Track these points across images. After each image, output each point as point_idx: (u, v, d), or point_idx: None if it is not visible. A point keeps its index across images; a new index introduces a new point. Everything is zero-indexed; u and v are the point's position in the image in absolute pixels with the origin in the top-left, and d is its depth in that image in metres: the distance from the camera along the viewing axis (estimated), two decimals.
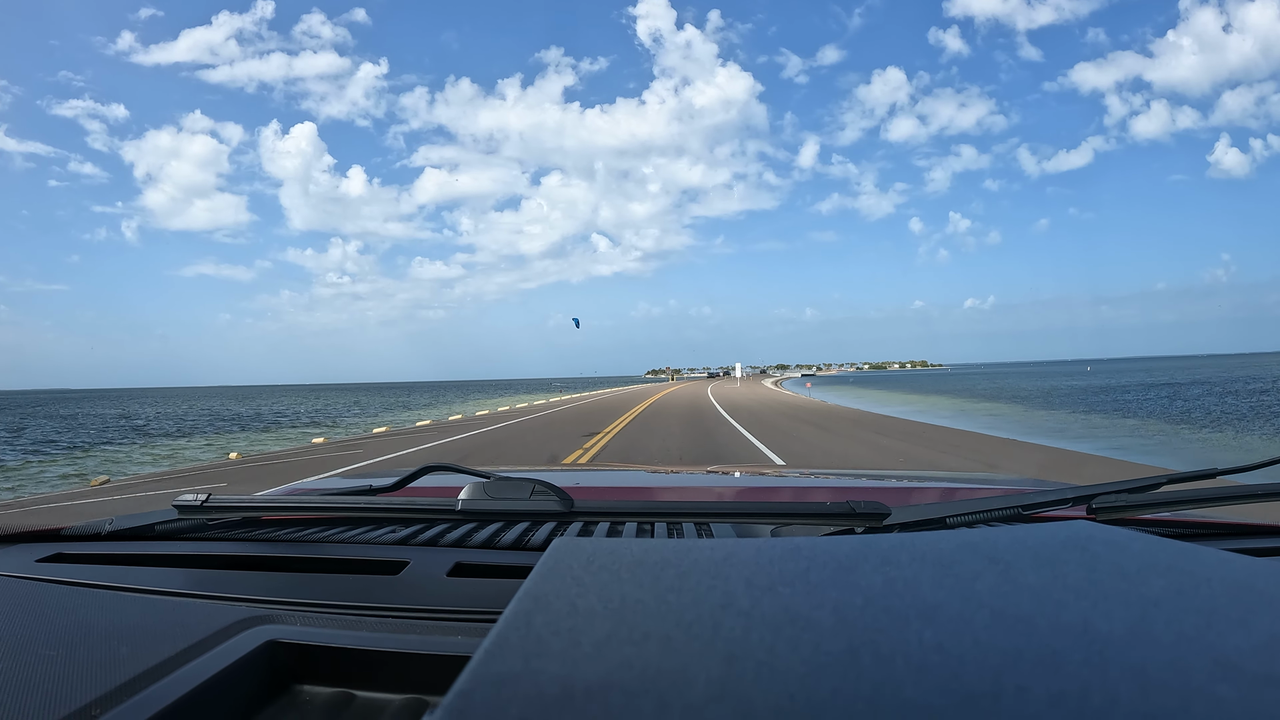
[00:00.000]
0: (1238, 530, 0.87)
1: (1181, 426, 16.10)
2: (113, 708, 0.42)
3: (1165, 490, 0.81)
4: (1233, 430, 14.87)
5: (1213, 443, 12.87)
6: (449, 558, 0.74)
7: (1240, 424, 16.07)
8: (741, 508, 0.85)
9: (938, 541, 0.48)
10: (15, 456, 16.59)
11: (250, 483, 7.67)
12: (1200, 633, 0.32)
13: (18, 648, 0.49)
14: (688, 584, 0.39)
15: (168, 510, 0.82)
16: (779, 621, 0.34)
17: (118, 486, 8.46)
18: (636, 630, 0.33)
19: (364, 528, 0.87)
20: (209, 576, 0.71)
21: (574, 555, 0.45)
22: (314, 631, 0.54)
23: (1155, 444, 12.59)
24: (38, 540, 0.85)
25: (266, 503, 0.82)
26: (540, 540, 0.80)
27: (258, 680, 0.49)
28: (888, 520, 0.72)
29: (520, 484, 0.76)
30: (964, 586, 0.38)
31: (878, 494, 1.18)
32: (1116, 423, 17.62)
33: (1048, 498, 0.80)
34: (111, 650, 0.49)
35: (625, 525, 0.86)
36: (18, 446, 19.32)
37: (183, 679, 0.45)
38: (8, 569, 0.72)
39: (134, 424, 29.07)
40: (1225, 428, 15.43)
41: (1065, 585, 0.38)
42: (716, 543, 0.49)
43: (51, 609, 0.58)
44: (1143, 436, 14.04)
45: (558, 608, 0.36)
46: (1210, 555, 0.45)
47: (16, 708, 0.41)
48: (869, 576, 0.40)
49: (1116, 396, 28.39)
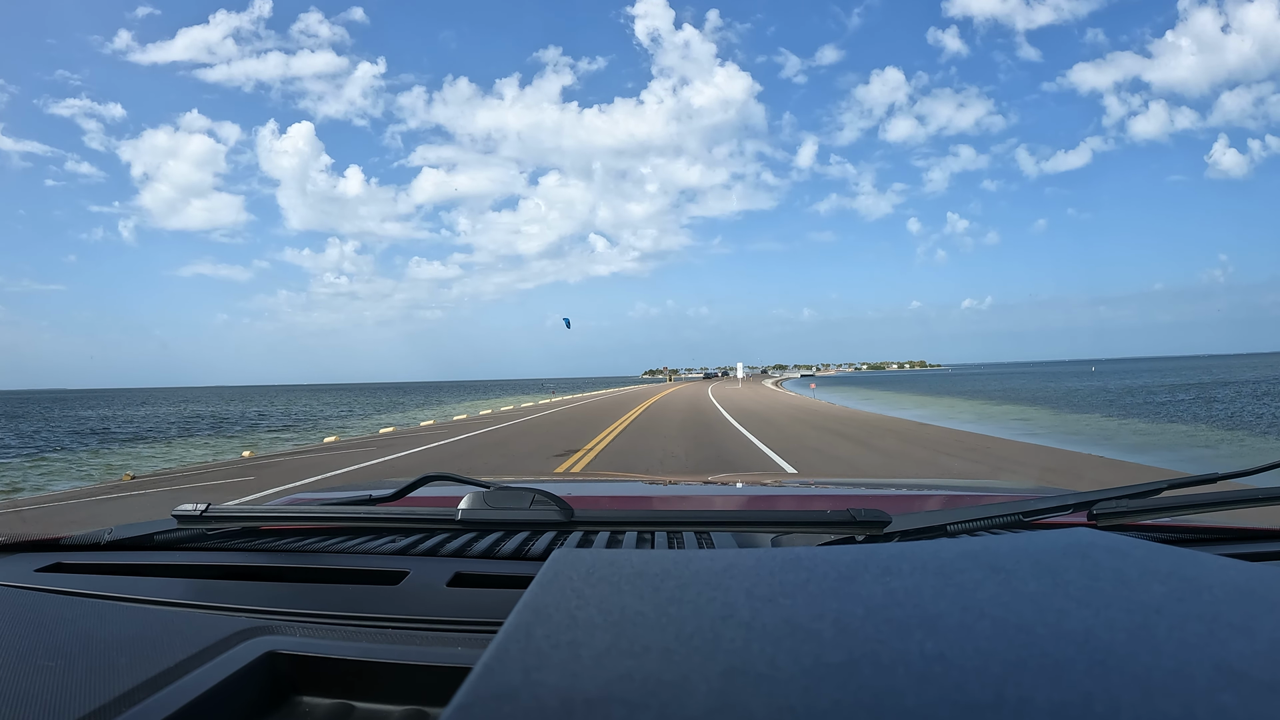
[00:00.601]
0: (1240, 535, 0.86)
1: (1239, 431, 14.86)
2: (111, 719, 0.41)
3: (1166, 495, 0.81)
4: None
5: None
6: (449, 568, 0.74)
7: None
8: (741, 517, 0.82)
9: (939, 550, 0.48)
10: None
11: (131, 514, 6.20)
12: (1203, 639, 0.32)
13: (16, 658, 0.49)
14: (688, 595, 0.39)
15: (167, 520, 0.82)
16: (779, 633, 0.34)
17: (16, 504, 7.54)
18: (637, 642, 0.33)
19: (363, 537, 0.87)
20: (208, 587, 0.70)
21: (574, 566, 0.45)
22: (314, 642, 0.54)
23: (1229, 454, 11.22)
24: (37, 550, 0.85)
25: (266, 512, 0.81)
26: (540, 550, 0.80)
27: (257, 691, 0.49)
28: (888, 528, 0.71)
29: (520, 493, 0.76)
30: (965, 595, 0.38)
31: (878, 502, 1.19)
32: (1164, 428, 16.17)
33: (1048, 504, 0.80)
34: (110, 661, 0.48)
35: (625, 535, 0.86)
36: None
37: (182, 690, 0.45)
38: (6, 578, 0.72)
39: (104, 428, 27.80)
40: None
41: (1067, 593, 0.38)
42: (717, 553, 0.49)
43: (50, 619, 0.58)
44: (1209, 446, 12.55)
45: (557, 619, 0.36)
46: (1212, 561, 0.45)
47: (15, 719, 0.41)
48: (870, 586, 0.40)
49: (1147, 398, 26.94)
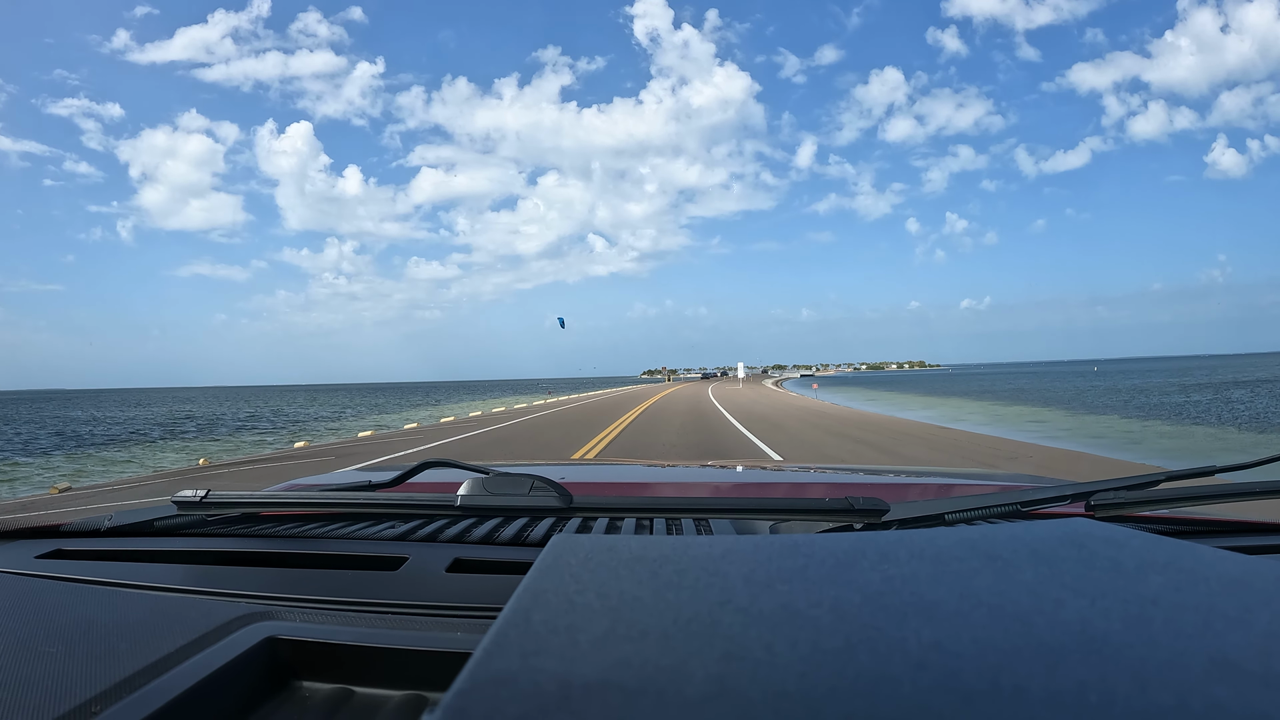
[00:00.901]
0: (1236, 528, 0.87)
1: (1271, 434, 14.15)
2: (112, 704, 0.42)
3: (1163, 488, 0.81)
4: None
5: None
6: (448, 553, 0.74)
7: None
8: (740, 503, 0.82)
9: (936, 538, 0.48)
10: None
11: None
12: (1198, 630, 0.32)
13: (17, 644, 0.49)
14: (686, 580, 0.39)
15: (167, 506, 0.82)
16: (777, 618, 0.34)
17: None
18: (635, 627, 0.33)
19: (363, 523, 0.87)
20: (208, 572, 0.70)
21: (572, 551, 0.45)
22: (313, 627, 0.54)
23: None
24: (37, 536, 0.85)
25: (266, 498, 0.81)
26: (539, 536, 0.80)
27: (257, 676, 0.49)
28: (886, 516, 0.72)
29: (519, 479, 0.76)
30: (962, 584, 0.38)
31: (876, 490, 1.19)
32: (1188, 430, 15.53)
33: (1046, 494, 0.81)
34: (111, 646, 0.48)
35: (624, 521, 0.86)
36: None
37: (182, 675, 0.45)
38: (7, 565, 0.72)
39: (78, 431, 26.52)
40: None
41: (1063, 583, 0.38)
42: (715, 539, 0.49)
43: (51, 605, 0.58)
44: (1243, 450, 11.76)
45: (556, 604, 0.36)
46: (1208, 553, 0.45)
47: (16, 704, 0.41)
48: (867, 573, 0.40)
49: (1161, 398, 26.23)
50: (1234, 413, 19.19)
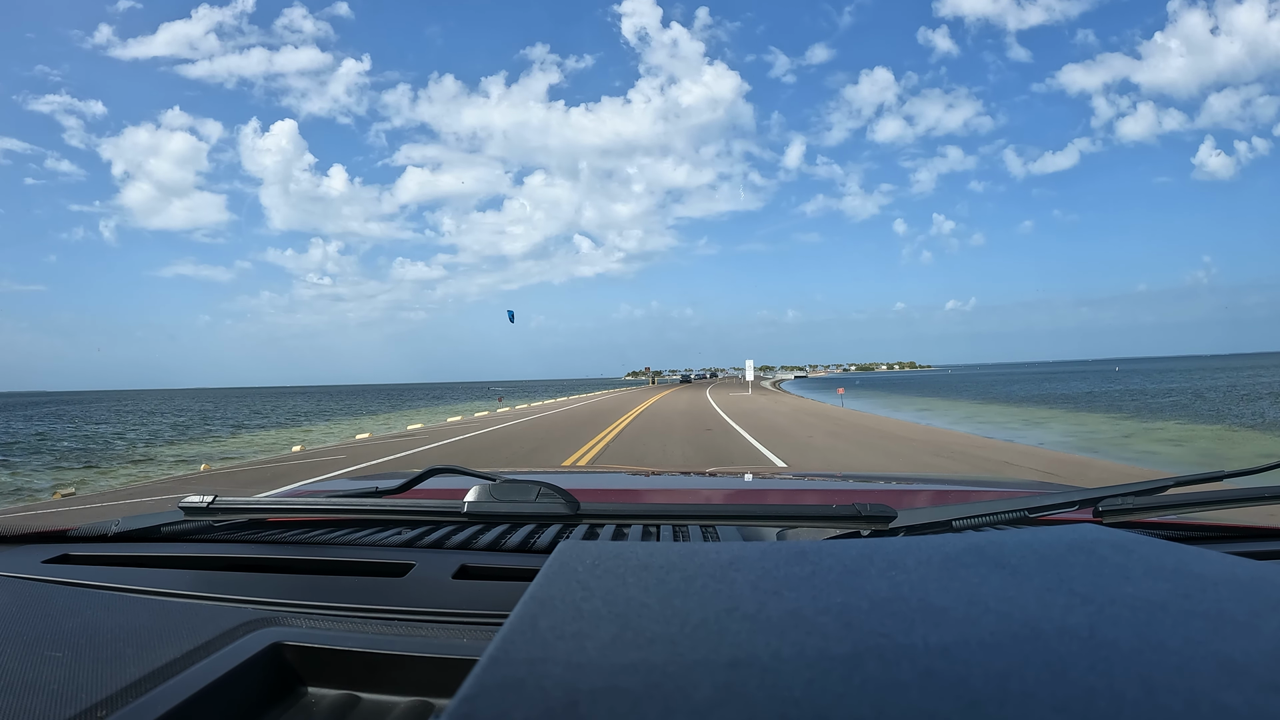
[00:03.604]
0: (1245, 533, 0.86)
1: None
2: (119, 709, 0.42)
3: (1171, 493, 0.81)
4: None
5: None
6: (454, 560, 0.74)
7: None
8: (747, 510, 0.82)
9: (943, 545, 0.48)
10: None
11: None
12: (1207, 637, 0.32)
13: (24, 649, 0.49)
14: (693, 587, 0.39)
15: (174, 512, 0.81)
16: (784, 625, 0.34)
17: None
18: (642, 634, 0.33)
19: (369, 530, 0.86)
20: (215, 578, 0.71)
21: (579, 558, 0.45)
22: (320, 634, 0.54)
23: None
24: (44, 541, 0.85)
25: (272, 504, 0.81)
26: (546, 543, 0.80)
27: (263, 682, 0.50)
28: (894, 523, 0.72)
29: (526, 486, 0.76)
30: (970, 590, 0.39)
31: (883, 496, 1.19)
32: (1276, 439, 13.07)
33: (1054, 500, 0.80)
34: (117, 651, 0.49)
35: (631, 528, 0.86)
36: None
37: (189, 681, 0.45)
38: (14, 570, 0.72)
39: (27, 440, 23.60)
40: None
41: (1071, 588, 0.38)
42: (722, 546, 0.49)
43: (57, 610, 0.58)
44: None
45: (563, 611, 0.36)
46: (1217, 558, 0.45)
47: (23, 709, 0.42)
48: (874, 580, 0.40)
49: (1192, 399, 24.09)
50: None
